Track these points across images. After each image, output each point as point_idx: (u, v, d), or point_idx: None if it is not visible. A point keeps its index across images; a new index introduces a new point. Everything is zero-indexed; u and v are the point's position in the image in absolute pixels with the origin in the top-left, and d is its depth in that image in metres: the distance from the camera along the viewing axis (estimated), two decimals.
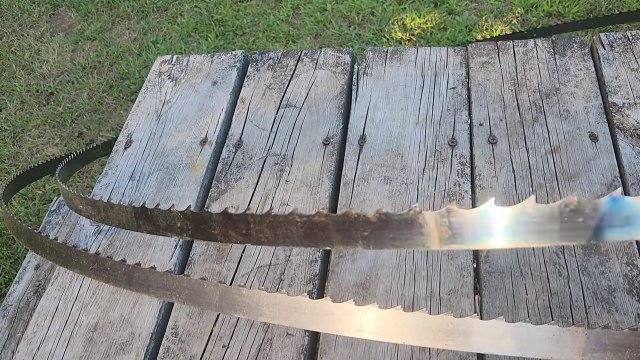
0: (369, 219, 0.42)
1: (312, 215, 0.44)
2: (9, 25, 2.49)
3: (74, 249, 0.67)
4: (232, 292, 0.54)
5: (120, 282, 0.62)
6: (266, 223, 0.46)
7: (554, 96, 0.90)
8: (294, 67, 1.03)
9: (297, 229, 0.45)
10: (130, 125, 1.00)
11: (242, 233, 0.48)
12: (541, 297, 0.69)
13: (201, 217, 0.50)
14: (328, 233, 0.44)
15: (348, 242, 0.44)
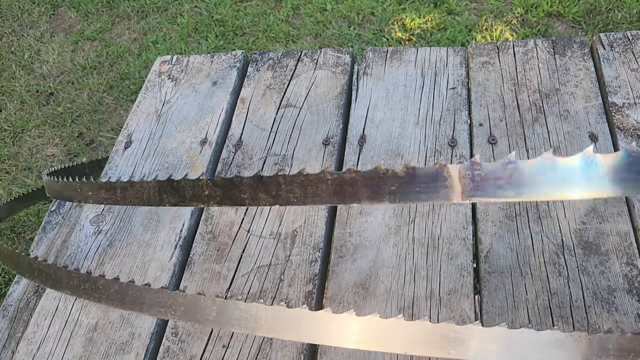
0: (397, 174, 0.42)
1: (343, 173, 0.45)
2: (9, 26, 2.49)
3: (64, 269, 0.65)
4: (230, 307, 0.53)
5: (113, 302, 0.60)
6: (297, 183, 0.47)
7: (554, 96, 0.90)
8: (294, 67, 1.03)
9: (327, 186, 0.46)
10: (130, 125, 1.00)
11: (272, 195, 0.48)
12: (541, 297, 0.69)
13: (231, 182, 0.50)
14: (357, 189, 0.44)
15: (375, 197, 0.44)
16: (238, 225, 0.82)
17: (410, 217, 0.79)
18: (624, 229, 0.73)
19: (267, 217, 0.82)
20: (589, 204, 0.77)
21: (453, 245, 0.75)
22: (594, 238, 0.73)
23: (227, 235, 0.81)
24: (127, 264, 0.80)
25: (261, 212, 0.83)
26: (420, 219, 0.79)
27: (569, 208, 0.77)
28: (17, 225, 1.79)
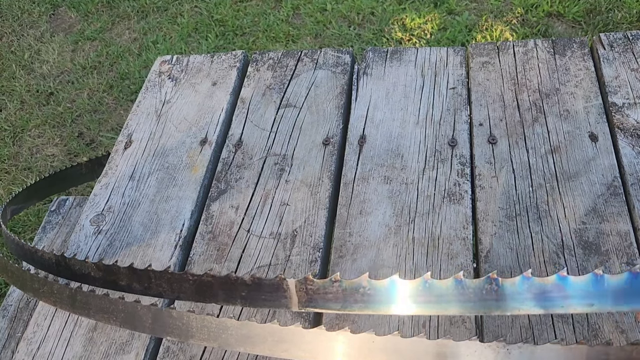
0: (246, 282, 0.49)
1: (202, 275, 0.50)
2: (9, 25, 2.49)
3: (27, 272, 0.68)
4: (163, 315, 0.56)
5: (65, 305, 0.64)
6: (164, 279, 0.52)
7: (554, 96, 0.90)
8: (294, 67, 1.03)
9: (189, 285, 0.51)
10: (130, 125, 1.00)
11: (144, 286, 0.54)
12: None
13: (110, 269, 0.55)
14: (214, 291, 0.50)
15: (229, 300, 0.51)
16: (238, 225, 0.82)
17: (410, 217, 0.79)
18: (624, 229, 0.73)
19: (267, 217, 0.82)
20: (589, 203, 0.77)
21: (453, 245, 0.75)
22: (594, 238, 0.73)
23: (227, 235, 0.81)
24: (127, 264, 0.80)
25: (261, 212, 0.83)
26: (420, 219, 0.79)
27: (569, 208, 0.77)
28: (17, 225, 1.79)
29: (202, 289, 0.51)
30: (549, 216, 0.76)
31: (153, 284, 0.53)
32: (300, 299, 0.48)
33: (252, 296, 0.50)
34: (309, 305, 0.48)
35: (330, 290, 0.47)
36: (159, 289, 0.53)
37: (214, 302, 0.51)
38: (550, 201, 0.78)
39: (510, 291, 0.43)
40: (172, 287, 0.53)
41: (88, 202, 0.90)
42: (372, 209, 0.81)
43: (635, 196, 0.76)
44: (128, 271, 0.54)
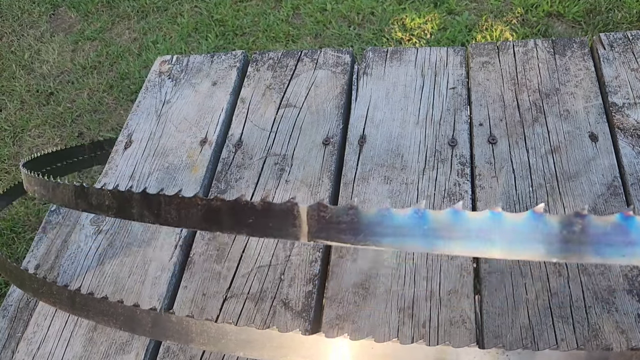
0: (255, 206, 0.44)
1: (211, 199, 0.46)
2: (9, 25, 2.49)
3: (26, 272, 0.68)
4: (163, 319, 0.56)
5: (65, 307, 0.64)
6: (174, 204, 0.49)
7: (554, 96, 0.90)
8: (294, 67, 1.03)
9: (197, 211, 0.47)
10: (130, 125, 1.00)
11: (154, 213, 0.51)
12: (541, 297, 0.69)
13: (124, 196, 0.52)
14: (221, 216, 0.46)
15: (235, 228, 0.46)
16: None
17: None
18: None
19: None
20: (589, 203, 0.77)
21: None
22: None
23: (227, 235, 0.81)
24: (127, 264, 0.80)
25: None
26: None
27: (570, 208, 0.77)
28: (17, 225, 1.79)
29: (209, 215, 0.47)
30: None
31: (162, 210, 0.50)
32: (311, 228, 0.42)
33: (259, 223, 0.45)
34: (320, 235, 0.42)
35: (344, 219, 0.41)
36: (167, 215, 0.50)
37: (219, 231, 0.47)
38: (550, 201, 0.78)
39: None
40: (180, 213, 0.49)
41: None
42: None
43: (635, 196, 0.76)
44: (140, 197, 0.51)
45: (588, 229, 0.35)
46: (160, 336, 0.57)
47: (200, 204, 0.47)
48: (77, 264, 0.82)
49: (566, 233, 0.36)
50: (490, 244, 0.38)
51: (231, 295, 0.75)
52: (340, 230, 0.41)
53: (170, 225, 0.50)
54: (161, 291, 0.76)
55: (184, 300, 0.75)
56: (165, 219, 0.50)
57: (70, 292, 0.62)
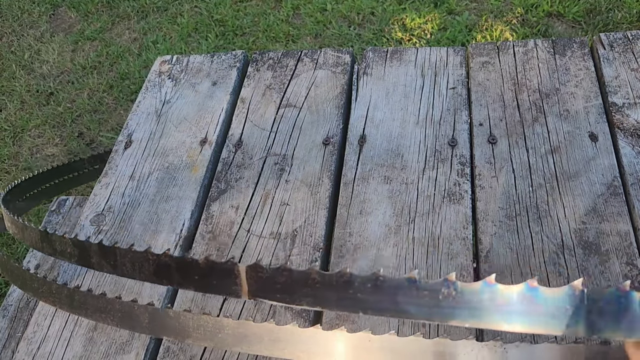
0: (199, 264, 0.46)
1: (160, 255, 0.48)
2: (9, 25, 2.49)
3: (27, 272, 0.69)
4: (160, 315, 0.56)
5: (64, 305, 0.65)
6: (128, 257, 0.51)
7: (554, 96, 0.90)
8: (294, 67, 1.03)
9: (149, 265, 0.50)
10: (130, 125, 1.00)
11: (111, 264, 0.53)
12: None
13: (83, 245, 0.55)
14: (171, 272, 0.48)
15: (183, 284, 0.48)
16: (238, 225, 0.82)
17: (410, 217, 0.79)
18: (624, 229, 0.74)
19: (267, 217, 0.82)
20: (589, 203, 0.77)
21: (453, 245, 0.75)
22: (594, 238, 0.73)
23: (227, 235, 0.81)
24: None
25: (261, 212, 0.83)
26: (420, 218, 0.79)
27: (569, 208, 0.77)
28: None
29: (160, 270, 0.49)
30: (549, 216, 0.76)
31: (119, 262, 0.52)
32: (250, 287, 0.44)
33: (204, 281, 0.46)
34: (258, 294, 0.44)
35: (279, 280, 0.43)
36: (122, 268, 0.52)
37: (170, 285, 0.49)
38: (550, 201, 0.78)
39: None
40: (134, 266, 0.51)
41: (88, 202, 0.90)
42: (372, 208, 0.81)
43: (635, 196, 0.76)
44: (98, 248, 0.53)
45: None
46: (157, 332, 0.57)
47: (152, 259, 0.49)
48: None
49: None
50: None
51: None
52: (276, 290, 0.43)
53: (127, 277, 0.52)
54: (161, 291, 0.76)
55: (184, 300, 0.75)
56: (122, 271, 0.52)
57: (69, 290, 0.63)
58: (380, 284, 0.39)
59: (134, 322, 0.58)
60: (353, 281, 0.40)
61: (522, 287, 0.37)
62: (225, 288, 0.45)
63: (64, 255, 0.58)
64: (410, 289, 0.38)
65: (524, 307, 0.37)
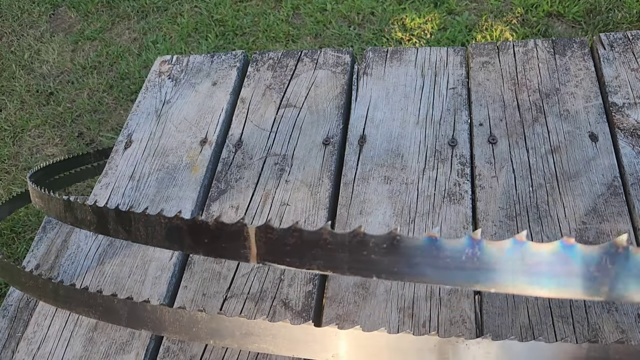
0: (209, 227, 0.45)
1: (172, 218, 0.48)
2: (9, 25, 2.49)
3: (14, 266, 0.70)
4: (138, 308, 0.57)
5: (49, 299, 0.66)
6: (142, 222, 0.51)
7: (554, 96, 0.90)
8: (294, 67, 1.03)
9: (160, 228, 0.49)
10: (130, 125, 1.00)
11: (126, 229, 0.53)
12: (541, 297, 0.69)
13: (101, 212, 0.55)
14: (182, 234, 0.47)
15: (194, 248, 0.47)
16: None
17: (410, 217, 0.79)
18: (624, 229, 0.73)
19: (267, 217, 0.82)
20: (589, 203, 0.77)
21: None
22: (594, 238, 0.73)
23: None
24: (128, 264, 0.80)
25: (261, 212, 0.83)
26: (420, 219, 0.79)
27: (569, 208, 0.77)
28: (17, 225, 1.79)
29: (171, 233, 0.48)
30: (549, 216, 0.76)
31: (133, 227, 0.52)
32: (259, 250, 0.43)
33: (214, 244, 0.45)
34: (267, 258, 0.42)
35: (289, 241, 0.41)
36: (136, 232, 0.52)
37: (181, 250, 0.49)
38: (550, 201, 0.78)
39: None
40: (147, 230, 0.50)
41: (88, 202, 0.90)
42: (372, 209, 0.81)
43: (636, 196, 0.76)
44: (115, 214, 0.54)
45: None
46: (135, 325, 0.58)
47: (164, 222, 0.48)
48: (77, 264, 0.82)
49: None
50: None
51: (231, 295, 0.75)
52: (286, 252, 0.41)
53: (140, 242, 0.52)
54: (161, 291, 0.77)
55: (185, 300, 0.75)
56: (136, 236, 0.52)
57: (53, 285, 0.64)
58: (397, 244, 0.36)
59: (114, 316, 0.59)
60: (367, 241, 0.37)
61: (556, 245, 0.32)
62: (234, 252, 0.43)
63: (84, 223, 0.58)
64: (430, 249, 0.35)
65: (559, 267, 0.32)
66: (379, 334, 0.48)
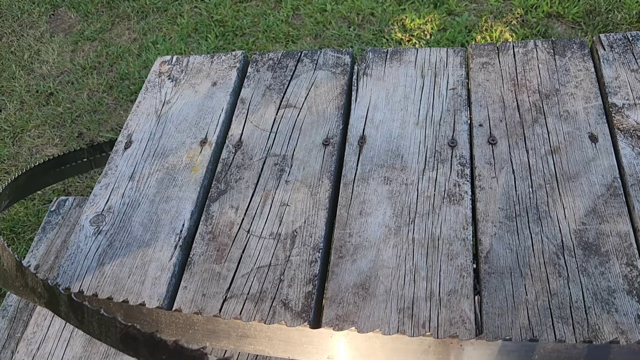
0: (168, 346, 0.46)
1: (128, 326, 0.49)
2: (9, 26, 2.49)
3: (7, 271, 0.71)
4: (134, 311, 0.58)
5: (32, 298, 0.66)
6: (95, 318, 0.52)
7: (554, 97, 0.90)
8: (293, 67, 1.03)
9: (115, 331, 0.50)
10: (130, 125, 1.00)
11: (78, 319, 0.54)
12: (541, 298, 0.69)
13: (53, 291, 0.56)
14: (137, 345, 0.49)
15: (149, 359, 0.48)
16: (238, 225, 0.82)
17: (410, 217, 0.79)
18: (624, 230, 0.74)
19: (267, 218, 0.82)
20: (588, 204, 0.77)
21: (453, 246, 0.75)
22: (594, 239, 0.73)
23: (227, 236, 0.81)
24: (127, 264, 0.80)
25: (261, 213, 0.83)
26: (420, 219, 0.79)
27: (569, 208, 0.77)
28: (16, 226, 1.79)
29: (127, 339, 0.50)
30: (549, 217, 0.76)
31: (85, 319, 0.53)
32: None
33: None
34: None
35: None
36: (89, 326, 0.53)
37: (136, 357, 0.50)
38: (550, 202, 0.78)
39: None
40: (101, 328, 0.52)
41: (88, 202, 0.90)
42: (372, 209, 0.81)
43: (635, 197, 0.76)
44: (67, 299, 0.54)
45: None
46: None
47: (119, 327, 0.50)
48: (77, 265, 0.82)
49: None
50: None
51: (231, 295, 0.75)
52: None
53: (93, 336, 0.53)
54: (161, 291, 0.76)
55: (184, 300, 0.75)
56: (88, 329, 0.53)
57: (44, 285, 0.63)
58: None
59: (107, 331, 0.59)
60: None
61: None
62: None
63: (34, 293, 0.59)
64: None
65: None
66: (374, 335, 0.48)
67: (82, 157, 1.27)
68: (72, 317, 0.56)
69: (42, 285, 0.58)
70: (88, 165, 1.28)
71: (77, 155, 1.26)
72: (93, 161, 1.28)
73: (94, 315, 0.52)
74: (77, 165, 1.26)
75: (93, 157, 1.28)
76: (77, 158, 1.26)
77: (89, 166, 1.28)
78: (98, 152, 1.28)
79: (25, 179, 1.14)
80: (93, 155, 1.28)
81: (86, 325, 0.54)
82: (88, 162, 1.28)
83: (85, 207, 0.90)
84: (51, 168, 1.20)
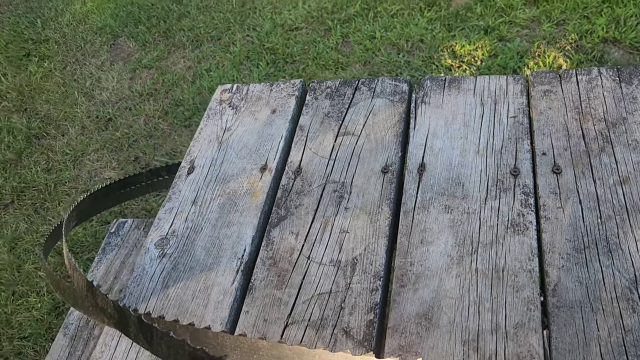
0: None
1: (197, 349, 0.50)
2: (73, 55, 2.63)
3: (77, 291, 0.73)
4: (200, 334, 0.59)
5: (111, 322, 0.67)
6: (164, 340, 0.53)
7: (621, 125, 0.87)
8: (351, 95, 1.05)
9: (184, 354, 0.51)
10: (193, 151, 1.04)
11: (147, 340, 0.55)
12: (614, 335, 0.67)
13: (123, 313, 0.57)
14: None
15: None
16: (298, 251, 0.83)
17: (472, 247, 0.78)
18: None
19: (327, 244, 0.83)
20: None
21: (518, 277, 0.74)
22: None
23: (287, 262, 0.82)
24: (191, 287, 0.82)
25: (321, 239, 0.84)
26: (483, 249, 0.77)
27: None
28: (75, 246, 1.86)
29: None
30: (620, 249, 0.74)
31: (154, 341, 0.54)
32: None
33: None
34: None
35: None
36: (158, 348, 0.54)
37: None
38: (620, 234, 0.75)
39: None
40: (169, 350, 0.53)
41: (153, 225, 0.93)
42: (434, 238, 0.80)
43: None
44: (137, 320, 0.56)
45: None
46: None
47: (187, 350, 0.51)
48: (142, 287, 0.84)
49: None
50: None
51: (292, 321, 0.75)
52: None
53: (161, 358, 0.54)
54: (223, 315, 0.78)
55: (246, 325, 0.76)
56: (156, 351, 0.55)
57: (113, 306, 0.65)
58: None
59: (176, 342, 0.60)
60: None
61: None
62: None
63: (104, 313, 0.61)
64: None
65: None
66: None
67: (141, 181, 1.32)
68: (141, 338, 0.57)
69: (112, 306, 0.60)
70: (146, 188, 1.33)
71: (136, 179, 1.30)
72: (151, 185, 1.33)
73: (163, 338, 0.54)
74: (135, 188, 1.31)
75: (151, 181, 1.33)
76: (136, 182, 1.31)
77: (146, 190, 1.33)
78: (155, 176, 1.33)
79: (89, 202, 1.19)
80: (151, 179, 1.32)
81: (155, 347, 0.55)
82: (146, 185, 1.32)
83: (151, 230, 0.93)
84: (112, 191, 1.25)
